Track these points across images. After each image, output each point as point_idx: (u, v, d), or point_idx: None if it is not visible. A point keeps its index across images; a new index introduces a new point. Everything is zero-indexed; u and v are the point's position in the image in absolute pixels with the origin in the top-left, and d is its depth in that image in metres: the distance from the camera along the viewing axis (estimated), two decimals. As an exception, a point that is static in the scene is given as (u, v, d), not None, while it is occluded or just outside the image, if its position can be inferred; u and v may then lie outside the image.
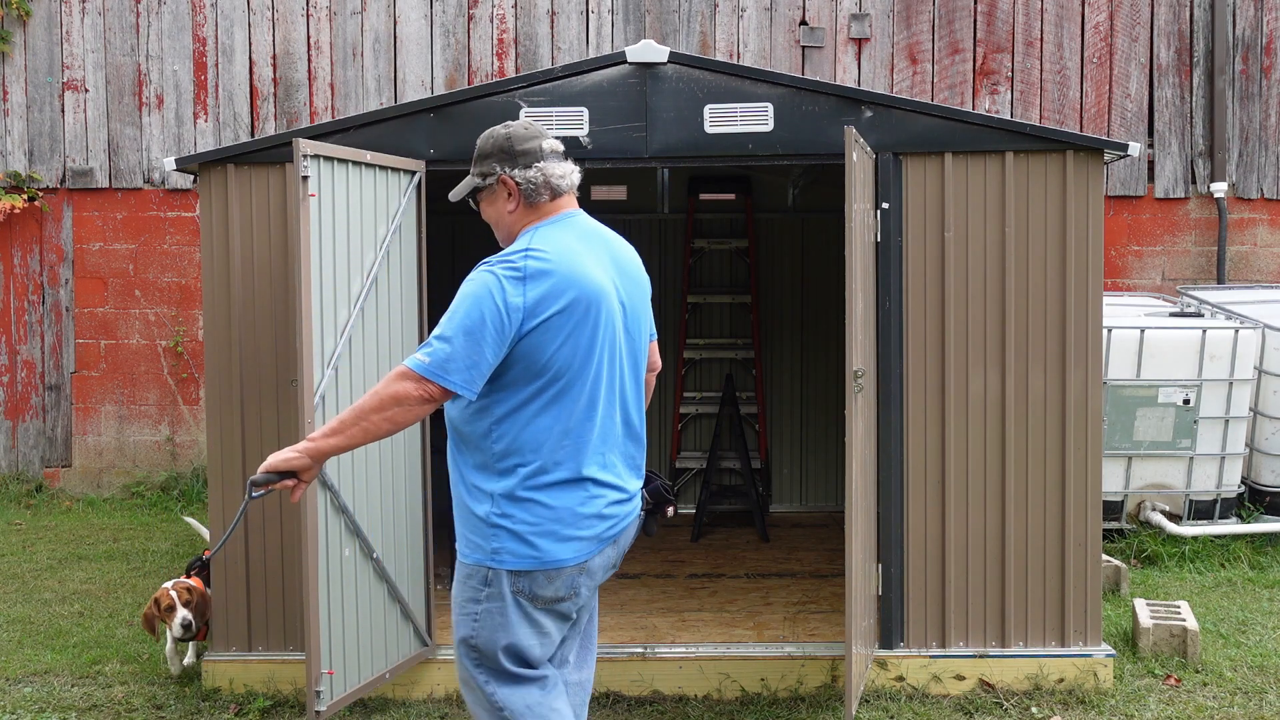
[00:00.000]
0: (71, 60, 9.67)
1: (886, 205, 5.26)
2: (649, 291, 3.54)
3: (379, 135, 5.29)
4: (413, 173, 5.29)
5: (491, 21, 9.62)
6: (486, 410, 3.25)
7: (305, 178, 4.66)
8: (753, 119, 5.27)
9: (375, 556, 5.07)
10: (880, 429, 5.33)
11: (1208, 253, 9.63)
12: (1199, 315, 8.00)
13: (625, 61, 5.27)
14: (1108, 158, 5.37)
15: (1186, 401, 7.50)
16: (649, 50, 5.28)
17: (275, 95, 9.65)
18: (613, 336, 3.31)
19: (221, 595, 5.34)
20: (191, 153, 8.01)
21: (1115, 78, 9.56)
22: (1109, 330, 7.29)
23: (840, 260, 5.17)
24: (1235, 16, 9.55)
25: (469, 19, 9.63)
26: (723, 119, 5.27)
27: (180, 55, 9.64)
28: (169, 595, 5.32)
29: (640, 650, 5.38)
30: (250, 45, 9.65)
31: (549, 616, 3.33)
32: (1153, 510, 7.58)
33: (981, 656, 5.31)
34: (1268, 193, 9.60)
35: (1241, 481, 7.82)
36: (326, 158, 4.80)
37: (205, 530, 6.05)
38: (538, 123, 5.21)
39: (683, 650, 5.41)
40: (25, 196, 9.58)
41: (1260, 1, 9.55)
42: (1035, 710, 5.09)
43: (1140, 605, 5.92)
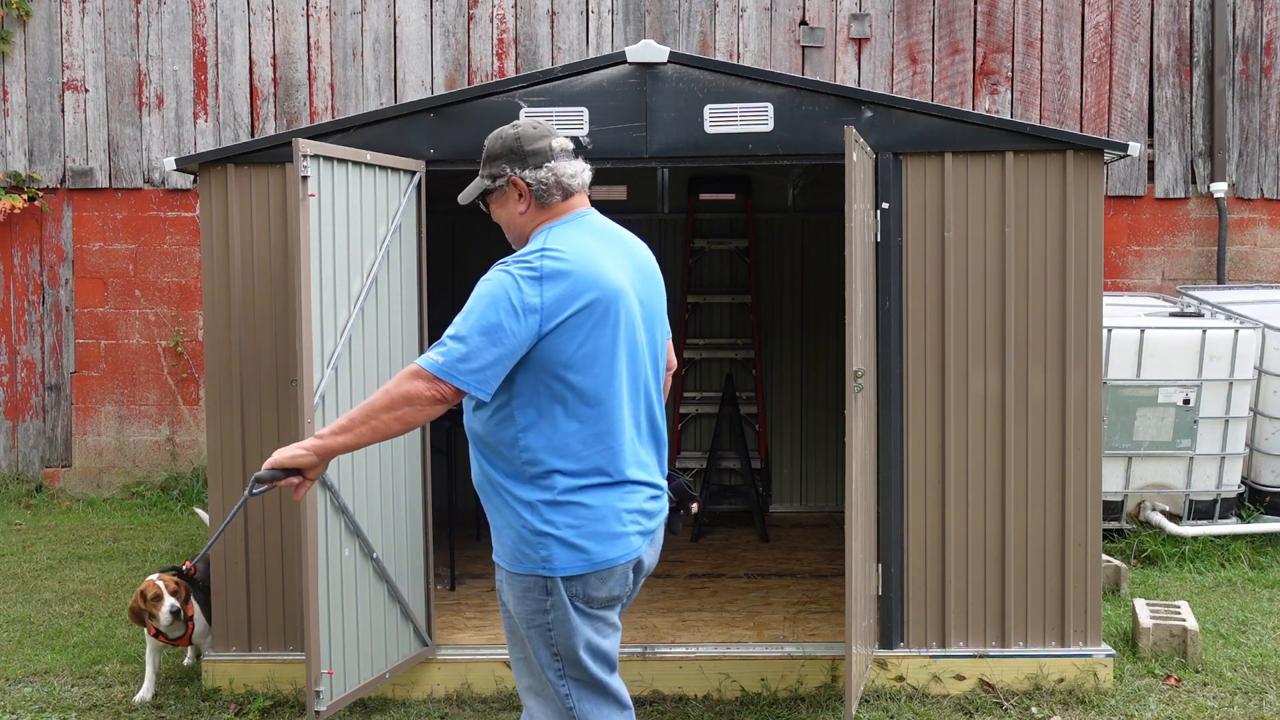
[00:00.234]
0: (71, 60, 9.67)
1: (886, 205, 5.26)
2: (664, 289, 3.50)
3: (379, 135, 5.29)
4: (413, 173, 5.29)
5: (491, 21, 9.62)
6: (510, 419, 3.19)
7: (305, 178, 4.66)
8: (753, 119, 5.27)
9: (375, 556, 5.07)
10: (880, 429, 5.33)
11: (1208, 253, 9.63)
12: (1199, 315, 8.00)
13: (625, 61, 5.27)
14: (1108, 158, 5.37)
15: (1186, 401, 7.50)
16: (649, 50, 5.27)
17: (275, 95, 9.65)
18: (633, 335, 3.27)
19: (221, 595, 5.34)
20: (191, 153, 8.01)
21: (1115, 78, 9.56)
22: (1109, 330, 7.29)
23: (840, 260, 5.17)
24: (1235, 16, 9.55)
25: (469, 19, 9.63)
26: (723, 119, 5.27)
27: (180, 55, 9.64)
28: (155, 585, 5.21)
29: (640, 650, 5.38)
30: (250, 45, 9.65)
31: (607, 612, 3.29)
32: (1153, 510, 7.58)
33: (981, 656, 5.31)
34: (1268, 193, 9.60)
35: (1241, 481, 7.82)
36: (326, 158, 4.80)
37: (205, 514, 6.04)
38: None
39: (683, 650, 5.41)
40: (25, 196, 9.58)
41: (1260, 1, 9.55)
42: (1035, 710, 5.09)
43: (1140, 605, 5.92)
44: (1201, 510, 7.66)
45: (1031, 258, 5.27)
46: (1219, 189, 9.49)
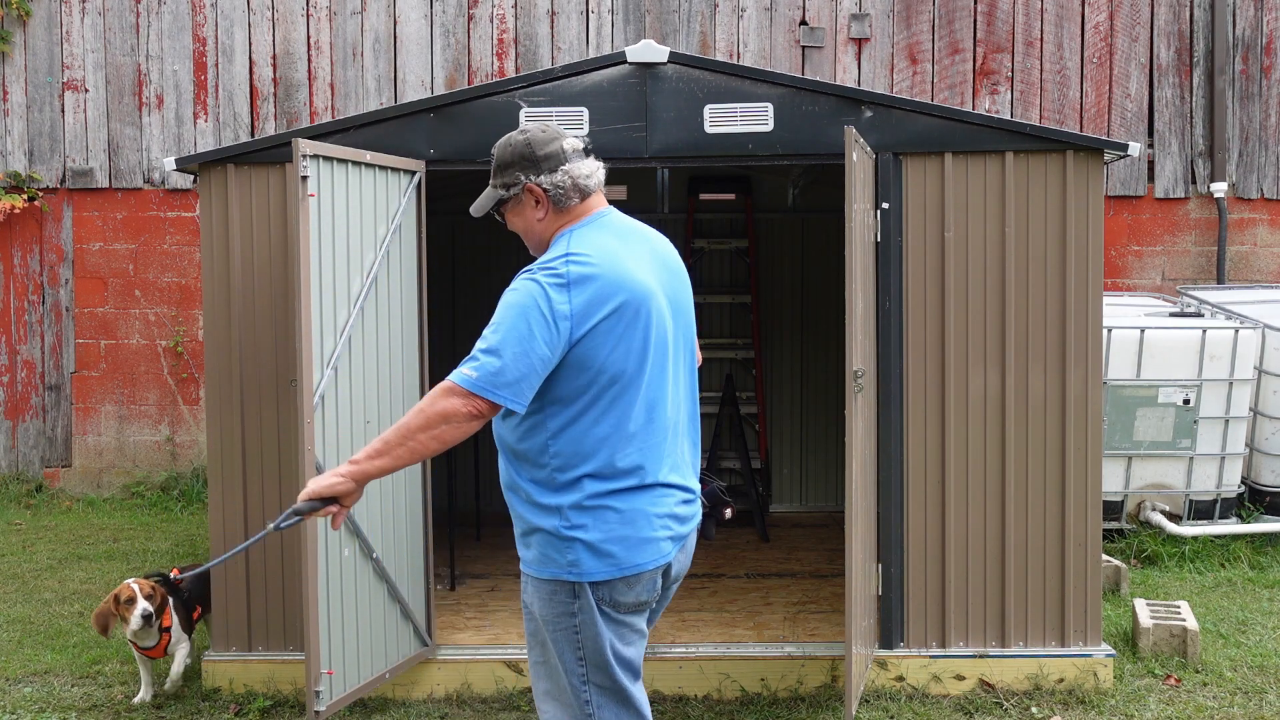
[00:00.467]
0: (71, 60, 9.67)
1: (886, 205, 5.26)
2: (689, 282, 3.43)
3: (379, 135, 5.29)
4: (413, 173, 5.29)
5: (491, 21, 9.62)
6: (541, 425, 3.14)
7: (305, 178, 4.66)
8: (753, 119, 5.27)
9: (375, 556, 5.07)
10: (880, 429, 5.33)
11: (1208, 253, 9.63)
12: (1199, 315, 8.00)
13: (625, 61, 5.27)
14: (1108, 158, 5.37)
15: (1186, 401, 7.50)
16: (649, 50, 5.27)
17: (275, 95, 9.65)
18: (663, 335, 3.21)
19: (221, 595, 5.34)
20: (191, 153, 8.01)
21: (1115, 78, 9.56)
22: (1109, 330, 7.29)
23: (840, 260, 5.17)
24: (1235, 16, 9.55)
25: (469, 19, 9.63)
26: (723, 119, 5.27)
27: (180, 55, 9.64)
28: (130, 588, 5.08)
29: (640, 650, 5.37)
30: (250, 45, 9.65)
31: (634, 617, 3.25)
32: (1153, 510, 7.58)
33: (981, 656, 5.31)
34: (1268, 193, 9.60)
35: (1241, 481, 7.82)
36: (326, 158, 4.80)
37: None
38: (541, 122, 5.26)
39: (683, 650, 5.41)
40: (25, 196, 9.58)
41: (1260, 1, 9.55)
42: (1035, 710, 5.09)
43: (1140, 605, 5.92)
44: (1201, 510, 7.66)
45: (1031, 258, 5.27)
46: (1219, 189, 9.49)
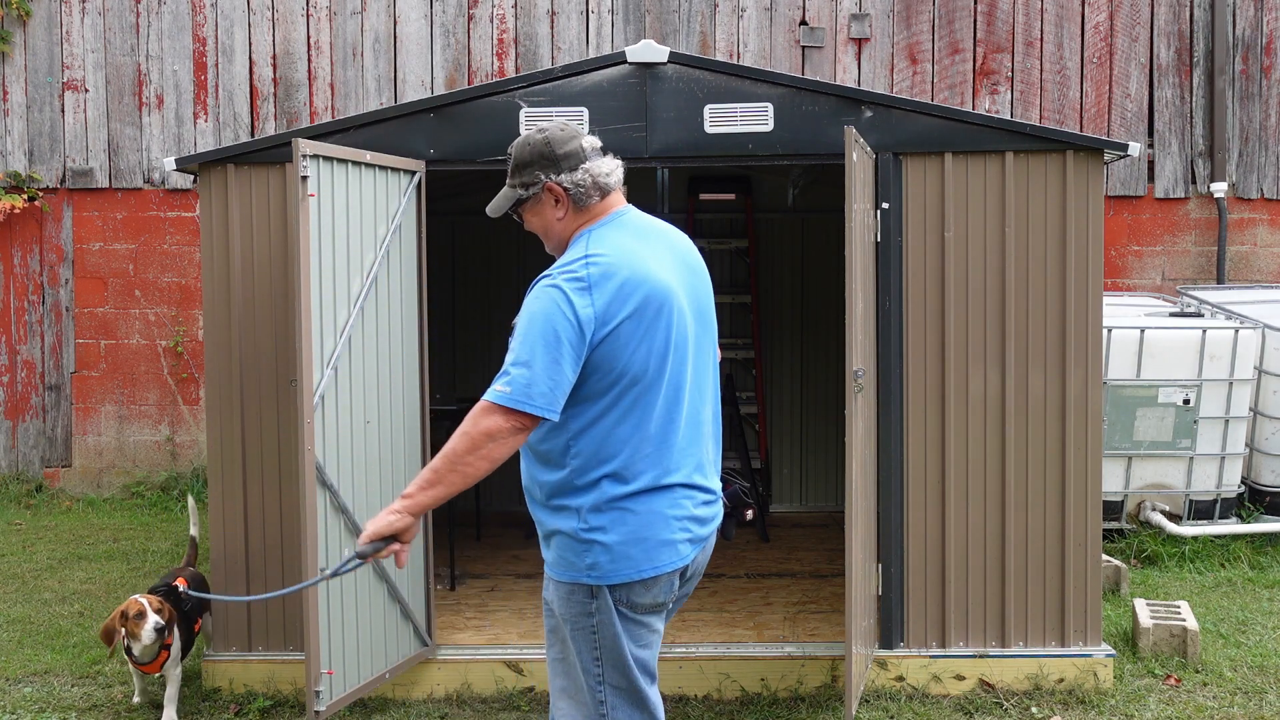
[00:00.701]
0: (71, 60, 9.67)
1: (886, 205, 5.26)
2: (709, 280, 3.42)
3: (379, 135, 5.29)
4: (413, 173, 5.29)
5: (491, 21, 9.62)
6: (562, 426, 3.12)
7: (305, 178, 4.66)
8: (753, 119, 5.27)
9: (375, 556, 5.06)
10: (880, 429, 5.33)
11: (1208, 253, 9.62)
12: (1199, 315, 8.00)
13: (625, 61, 5.27)
14: (1108, 158, 5.37)
15: (1186, 401, 7.50)
16: (649, 50, 5.27)
17: (275, 95, 9.65)
18: (684, 334, 3.21)
19: (222, 595, 5.34)
20: (191, 153, 8.01)
21: (1115, 78, 9.56)
22: (1109, 330, 7.29)
23: (840, 260, 5.17)
24: (1235, 16, 9.55)
25: (469, 19, 9.63)
26: (723, 119, 5.27)
27: (180, 55, 9.64)
28: (139, 603, 4.90)
29: (640, 650, 5.37)
30: (250, 45, 9.65)
31: (651, 618, 3.25)
32: (1153, 510, 7.58)
33: (981, 656, 5.31)
34: (1268, 193, 9.60)
35: (1241, 481, 7.82)
36: (326, 158, 4.80)
37: (195, 516, 5.88)
38: (541, 122, 5.25)
39: (683, 650, 5.41)
40: (25, 196, 9.58)
41: (1260, 1, 9.55)
42: (1035, 710, 5.09)
43: (1140, 605, 5.92)
44: (1201, 510, 7.66)
45: (1031, 258, 5.27)
46: (1219, 189, 9.48)
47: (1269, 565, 7.31)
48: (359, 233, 4.99)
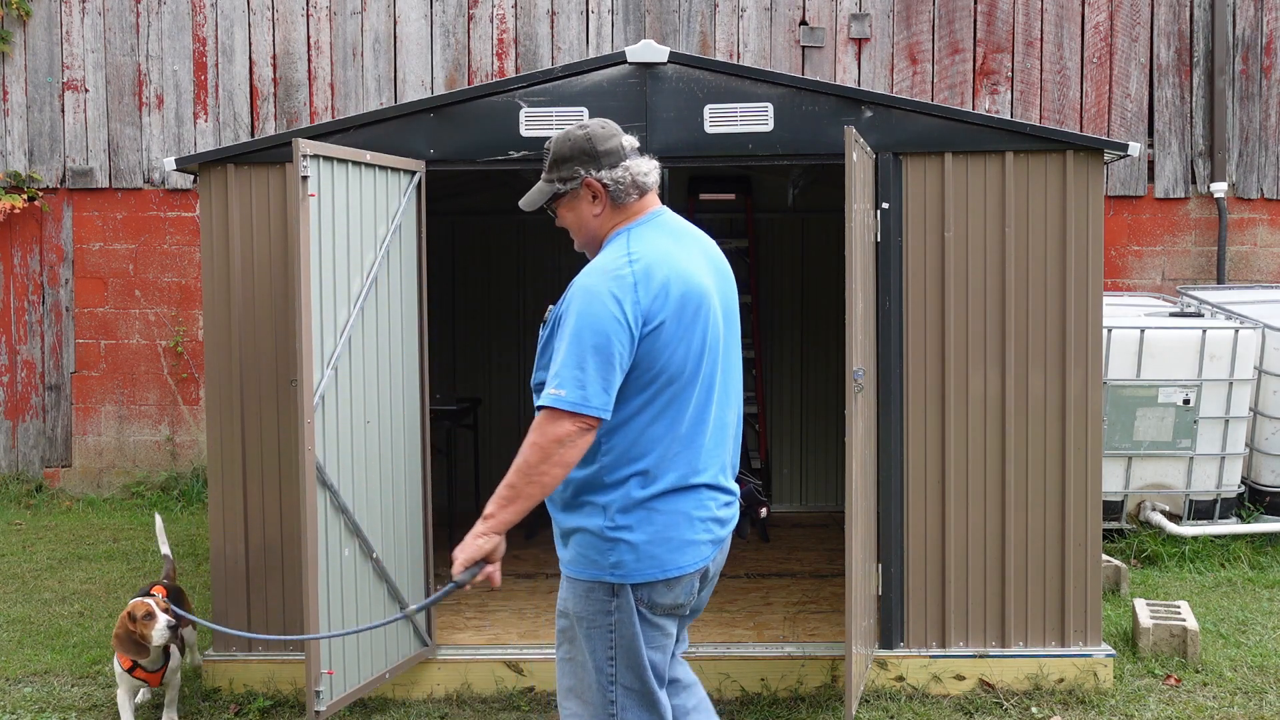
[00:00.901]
0: (71, 60, 9.67)
1: (886, 205, 5.26)
2: (736, 286, 3.45)
3: (379, 135, 5.29)
4: (413, 173, 5.29)
5: (491, 21, 9.62)
6: None
7: (305, 178, 4.66)
8: (753, 119, 5.27)
9: (375, 556, 5.07)
10: (880, 429, 5.33)
11: (1208, 253, 9.63)
12: (1199, 315, 8.00)
13: (625, 61, 5.27)
14: (1108, 158, 5.37)
15: (1186, 401, 7.50)
16: (649, 50, 5.27)
17: (275, 95, 9.66)
18: (716, 336, 3.23)
19: (222, 595, 5.34)
20: (191, 153, 8.01)
21: (1115, 78, 9.56)
22: (1109, 330, 7.29)
23: (840, 260, 5.17)
24: (1235, 16, 9.55)
25: (469, 19, 9.63)
26: (723, 119, 5.27)
27: (180, 55, 9.65)
28: (144, 604, 4.72)
29: (640, 650, 5.37)
30: (250, 45, 9.65)
31: (668, 620, 3.26)
32: (1153, 510, 7.58)
33: (981, 656, 5.31)
34: (1268, 193, 9.60)
35: (1241, 481, 7.82)
36: (326, 158, 4.80)
37: (163, 536, 5.73)
38: (540, 122, 5.26)
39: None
40: (25, 196, 9.58)
41: (1260, 1, 9.55)
42: (1035, 710, 5.09)
43: (1140, 605, 5.92)
44: (1201, 510, 7.66)
45: (1031, 258, 5.27)
46: (1219, 189, 9.49)
47: (1269, 565, 7.31)
48: (359, 233, 4.99)
